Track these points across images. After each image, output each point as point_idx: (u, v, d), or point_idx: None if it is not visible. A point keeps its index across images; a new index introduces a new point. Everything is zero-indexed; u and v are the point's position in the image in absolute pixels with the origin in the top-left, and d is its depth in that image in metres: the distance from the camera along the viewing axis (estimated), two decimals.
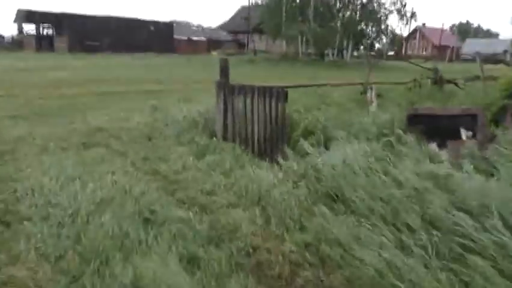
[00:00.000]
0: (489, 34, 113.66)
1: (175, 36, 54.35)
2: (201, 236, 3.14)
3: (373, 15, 46.54)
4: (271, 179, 4.08)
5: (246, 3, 63.63)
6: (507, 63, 67.84)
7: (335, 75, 27.34)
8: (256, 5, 49.02)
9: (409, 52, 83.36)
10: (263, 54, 46.28)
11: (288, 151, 4.85)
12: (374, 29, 48.33)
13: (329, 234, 3.01)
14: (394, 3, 47.66)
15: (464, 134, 4.40)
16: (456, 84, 11.07)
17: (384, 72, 32.44)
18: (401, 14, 49.34)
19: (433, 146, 4.22)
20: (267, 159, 5.12)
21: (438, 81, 10.71)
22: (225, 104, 6.45)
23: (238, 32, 61.16)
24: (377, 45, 58.82)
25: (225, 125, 6.47)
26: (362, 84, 9.70)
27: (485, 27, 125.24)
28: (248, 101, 5.59)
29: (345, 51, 46.27)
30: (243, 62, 38.40)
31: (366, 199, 3.21)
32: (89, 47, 44.16)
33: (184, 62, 36.18)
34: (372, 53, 54.55)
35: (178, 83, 18.94)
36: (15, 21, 51.55)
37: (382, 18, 47.96)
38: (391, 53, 76.32)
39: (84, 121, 8.31)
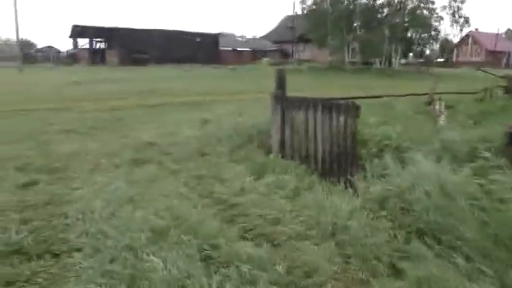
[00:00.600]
0: None
1: (221, 48, 54.94)
2: (277, 281, 2.64)
3: (422, 21, 44.67)
4: (346, 206, 3.52)
5: (290, 13, 63.73)
6: None
7: (386, 84, 26.28)
8: (301, 14, 48.54)
9: (460, 58, 79.75)
10: (308, 64, 45.68)
11: (360, 172, 4.29)
12: (423, 35, 46.39)
13: (435, 284, 2.42)
14: (445, 8, 45.47)
15: None
16: None
17: (439, 81, 30.97)
18: (454, 19, 47.02)
19: None
20: (335, 180, 4.57)
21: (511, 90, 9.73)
22: (283, 118, 5.97)
23: (283, 42, 60.96)
24: (426, 52, 56.61)
25: (282, 141, 5.99)
26: (426, 94, 8.94)
27: None
28: (311, 115, 5.08)
29: (393, 59, 44.72)
30: (289, 71, 37.63)
31: (478, 239, 2.59)
32: (138, 59, 45.47)
33: (229, 72, 36.30)
34: (421, 60, 52.55)
35: (225, 94, 18.78)
36: (70, 36, 54.23)
37: (433, 24, 45.92)
38: (440, 59, 73.31)
39: (135, 135, 8.13)
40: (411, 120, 6.55)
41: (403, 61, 51.40)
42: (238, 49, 57.99)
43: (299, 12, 49.89)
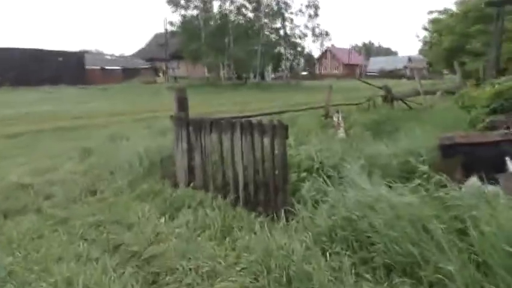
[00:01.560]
0: (389, 52, 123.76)
1: (87, 67, 50.97)
2: None
3: (288, 38, 47.74)
4: (297, 244, 3.00)
5: (160, 31, 62.41)
6: (408, 77, 73.80)
7: (267, 97, 27.05)
8: (172, 31, 47.86)
9: (323, 71, 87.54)
10: (184, 80, 45.07)
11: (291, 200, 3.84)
12: (291, 51, 49.58)
13: None
14: (306, 27, 49.28)
15: (511, 164, 3.75)
16: (403, 101, 10.99)
17: (313, 93, 33.07)
18: (315, 35, 51.16)
19: (473, 180, 3.51)
20: (263, 211, 4.05)
21: (389, 99, 10.51)
22: (189, 143, 5.29)
23: (155, 59, 59.28)
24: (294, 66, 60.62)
25: (191, 170, 5.29)
26: (322, 107, 9.07)
27: (385, 45, 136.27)
28: (226, 138, 4.49)
29: (266, 73, 46.80)
30: (165, 89, 36.86)
31: (464, 272, 2.28)
32: None
33: (100, 92, 33.63)
34: (289, 74, 56.02)
35: (99, 116, 17.09)
36: None
37: (297, 41, 49.37)
38: (304, 72, 79.42)
39: None
40: (320, 136, 6.42)
41: (273, 75, 54.22)
42: (108, 67, 54.50)
43: (170, 29, 49.19)
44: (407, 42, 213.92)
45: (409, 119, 8.06)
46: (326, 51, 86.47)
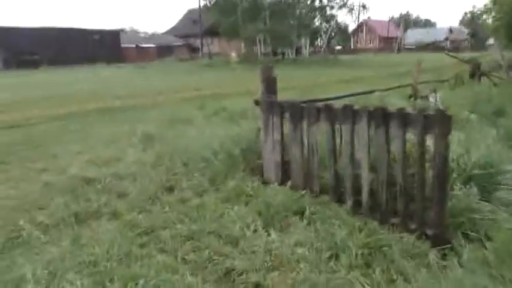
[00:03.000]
0: (428, 23, 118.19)
1: (123, 45, 50.84)
2: None
3: (324, 11, 45.74)
4: None
5: (192, 6, 61.37)
6: (449, 50, 70.32)
7: (309, 73, 25.84)
8: (206, 6, 46.66)
9: (358, 45, 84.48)
10: (218, 57, 44.15)
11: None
12: (327, 24, 47.62)
13: None
14: None
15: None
16: (488, 76, 9.73)
17: (356, 68, 31.48)
18: (350, 8, 48.96)
19: None
20: (401, 225, 3.15)
21: (477, 75, 9.29)
22: (283, 133, 4.42)
23: (189, 36, 58.51)
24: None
25: (285, 165, 4.44)
26: (409, 85, 7.97)
27: (423, 17, 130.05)
28: (345, 130, 3.59)
29: (303, 48, 45.16)
30: (201, 67, 36.11)
31: None
32: (27, 62, 39.90)
33: (140, 70, 33.23)
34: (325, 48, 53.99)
35: (144, 95, 16.49)
36: None
37: (333, 12, 47.30)
38: (338, 47, 76.72)
39: (57, 166, 5.93)
40: None
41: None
42: (143, 45, 54.23)
43: (203, 5, 48.00)
44: (447, 12, 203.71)
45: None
46: (361, 24, 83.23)
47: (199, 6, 48.35)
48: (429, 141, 2.94)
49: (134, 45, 53.01)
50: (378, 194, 3.39)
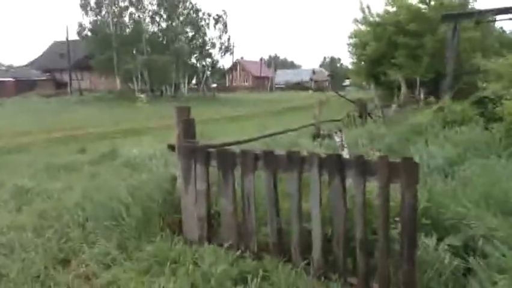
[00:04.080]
0: (294, 65, 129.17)
1: None
2: None
3: (203, 49, 46.68)
4: None
5: (58, 39, 57.03)
6: (314, 90, 77.38)
7: (201, 110, 25.37)
8: (76, 40, 43.67)
9: (234, 83, 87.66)
10: (92, 94, 41.27)
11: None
12: (205, 62, 48.46)
13: None
14: (219, 37, 48.54)
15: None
16: (370, 115, 10.50)
17: (237, 106, 32.02)
18: (226, 48, 50.74)
19: None
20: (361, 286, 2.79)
21: (364, 114, 9.90)
22: (208, 183, 3.82)
23: (54, 70, 53.65)
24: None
25: (210, 219, 3.83)
26: (312, 125, 8.01)
27: (289, 59, 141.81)
28: (291, 179, 3.15)
29: (181, 86, 44.86)
30: (71, 103, 33.17)
31: None
32: None
33: None
34: (205, 86, 54.65)
35: (5, 136, 14.16)
36: None
37: (211, 51, 48.52)
38: (214, 85, 78.62)
39: None
40: None
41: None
42: None
43: (72, 37, 44.85)
44: (310, 56, 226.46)
45: (412, 135, 7.38)
46: (236, 63, 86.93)
47: (67, 38, 45.01)
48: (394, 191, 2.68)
49: None
50: (333, 251, 3.00)
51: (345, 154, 6.45)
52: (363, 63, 27.78)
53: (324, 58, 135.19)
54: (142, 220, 3.97)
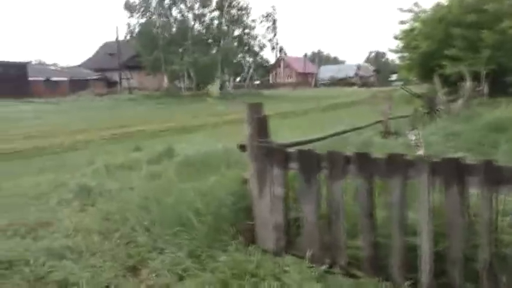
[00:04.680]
0: (338, 61, 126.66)
1: (31, 78, 46.53)
2: None
3: (249, 46, 46.55)
4: None
5: (109, 39, 58.95)
6: (358, 85, 75.19)
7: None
8: (125, 39, 44.84)
9: (277, 80, 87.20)
10: (140, 92, 42.28)
11: None
12: (251, 59, 48.32)
13: None
14: (264, 36, 48.22)
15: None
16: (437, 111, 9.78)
17: (283, 102, 31.60)
18: (272, 46, 50.54)
19: None
20: None
21: (433, 110, 9.22)
22: (287, 187, 3.46)
23: (105, 70, 55.57)
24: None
25: (287, 228, 3.46)
26: (380, 122, 7.48)
27: (333, 55, 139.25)
28: (394, 186, 2.72)
29: (227, 83, 45.02)
30: (124, 102, 34.11)
31: None
32: None
33: (52, 107, 30.12)
34: (250, 83, 54.60)
35: (74, 134, 14.54)
36: None
37: (257, 49, 48.32)
38: (257, 82, 78.55)
39: None
40: None
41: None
42: (54, 79, 50.18)
43: (121, 38, 46.13)
44: (354, 51, 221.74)
45: (491, 133, 6.68)
46: (279, 59, 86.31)
47: (117, 39, 46.38)
48: None
49: (43, 79, 48.80)
50: (447, 273, 2.54)
51: (421, 153, 5.90)
52: (415, 57, 26.42)
53: (369, 53, 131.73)
54: (213, 227, 3.66)
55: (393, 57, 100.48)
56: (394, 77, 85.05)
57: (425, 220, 2.60)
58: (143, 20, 39.40)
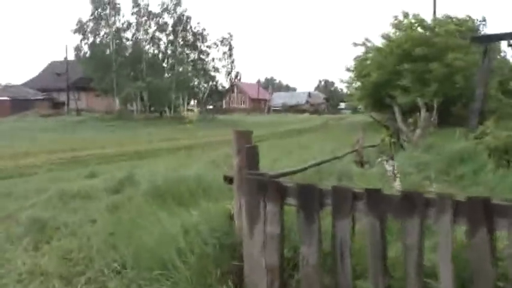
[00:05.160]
0: (289, 88, 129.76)
1: None
2: None
3: (204, 71, 46.46)
4: None
5: (56, 59, 56.61)
6: (310, 112, 76.93)
7: (201, 134, 24.67)
8: (72, 60, 43.22)
9: (230, 105, 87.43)
10: (89, 114, 40.59)
11: None
12: (206, 84, 48.14)
13: None
14: (220, 60, 48.44)
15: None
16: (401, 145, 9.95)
17: (241, 128, 31.06)
18: (228, 71, 50.89)
19: None
20: None
21: (399, 139, 9.34)
22: (283, 226, 3.14)
23: (51, 90, 52.92)
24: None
25: (281, 270, 3.14)
26: (354, 151, 7.38)
27: (284, 82, 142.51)
28: (410, 226, 2.49)
29: (181, 107, 44.33)
30: (72, 124, 32.49)
31: None
32: None
33: None
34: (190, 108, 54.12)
35: (13, 157, 13.40)
36: None
37: (212, 74, 48.35)
38: (210, 106, 78.28)
39: None
40: None
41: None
42: None
43: (70, 57, 44.37)
44: (304, 79, 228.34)
45: (457, 163, 6.79)
46: (233, 85, 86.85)
47: (66, 58, 44.57)
48: None
49: None
50: None
51: (397, 185, 5.84)
52: (367, 86, 27.40)
53: (319, 81, 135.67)
54: (197, 269, 3.26)
55: (341, 86, 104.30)
56: (343, 105, 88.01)
57: (447, 266, 2.37)
58: (95, 40, 38.20)
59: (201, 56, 44.96)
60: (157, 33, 41.32)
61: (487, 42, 11.78)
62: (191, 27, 43.06)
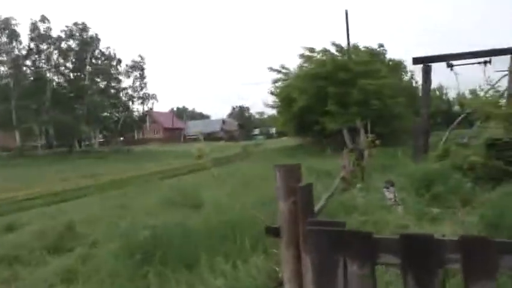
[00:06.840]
0: (203, 116, 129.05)
1: None
2: None
3: (117, 100, 43.86)
4: None
5: None
6: (225, 140, 76.77)
7: (122, 167, 22.43)
8: None
9: (144, 136, 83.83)
10: None
11: None
12: (118, 114, 45.39)
13: None
14: (133, 87, 46.34)
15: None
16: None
17: (159, 160, 29.43)
18: (143, 99, 48.90)
19: None
20: None
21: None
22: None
23: None
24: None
25: None
26: (343, 178, 6.64)
27: (197, 110, 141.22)
28: None
29: (92, 140, 41.03)
30: None
31: None
32: None
33: None
34: (120, 139, 51.01)
35: None
36: None
37: (126, 103, 45.90)
38: (121, 138, 74.27)
39: None
40: None
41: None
42: None
43: None
44: (218, 106, 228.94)
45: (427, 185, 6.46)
46: (145, 114, 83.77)
47: None
48: None
49: None
50: None
51: (399, 209, 5.28)
52: (292, 111, 27.65)
53: (233, 108, 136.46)
54: None
55: (258, 110, 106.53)
56: (257, 131, 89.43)
57: None
58: None
59: (112, 83, 42.33)
60: (62, 60, 38.01)
61: (427, 63, 12.28)
62: (100, 50, 40.49)
